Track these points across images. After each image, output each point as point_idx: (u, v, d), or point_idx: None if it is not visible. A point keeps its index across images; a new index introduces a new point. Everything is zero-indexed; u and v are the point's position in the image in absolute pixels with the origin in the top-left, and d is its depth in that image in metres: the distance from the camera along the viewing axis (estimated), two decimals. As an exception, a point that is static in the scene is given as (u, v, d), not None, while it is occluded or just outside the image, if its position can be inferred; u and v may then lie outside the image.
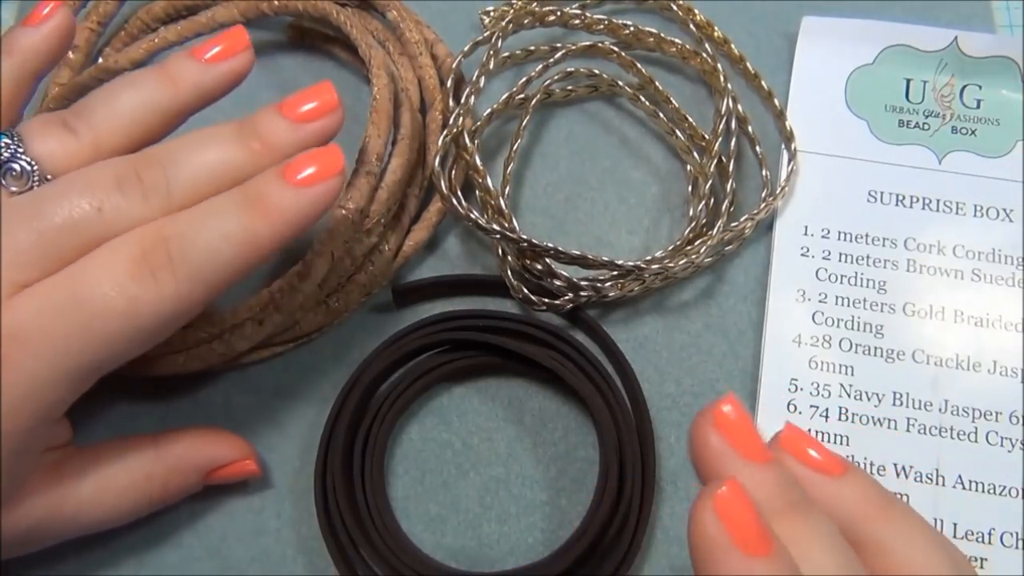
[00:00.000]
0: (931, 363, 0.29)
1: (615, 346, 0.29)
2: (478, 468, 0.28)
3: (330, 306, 0.29)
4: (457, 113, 0.29)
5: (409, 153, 0.29)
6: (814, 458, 0.19)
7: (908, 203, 0.31)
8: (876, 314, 0.29)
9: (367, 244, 0.28)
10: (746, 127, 0.32)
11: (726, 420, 0.18)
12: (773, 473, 0.18)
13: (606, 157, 0.32)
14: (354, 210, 0.27)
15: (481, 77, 0.30)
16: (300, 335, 0.29)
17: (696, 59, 0.33)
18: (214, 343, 0.27)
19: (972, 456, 0.28)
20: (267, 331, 0.27)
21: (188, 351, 0.27)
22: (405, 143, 0.29)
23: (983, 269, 0.30)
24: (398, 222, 0.30)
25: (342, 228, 0.27)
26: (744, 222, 0.30)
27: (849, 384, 0.29)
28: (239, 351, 0.27)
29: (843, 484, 0.19)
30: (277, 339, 0.28)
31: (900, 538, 0.18)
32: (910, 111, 0.32)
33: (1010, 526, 0.27)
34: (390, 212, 0.29)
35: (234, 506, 0.28)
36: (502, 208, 0.29)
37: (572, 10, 0.33)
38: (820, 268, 0.30)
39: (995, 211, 0.31)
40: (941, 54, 0.33)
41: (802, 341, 0.29)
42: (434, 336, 0.28)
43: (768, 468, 0.18)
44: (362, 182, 0.27)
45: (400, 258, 0.30)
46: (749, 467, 0.18)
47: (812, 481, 0.19)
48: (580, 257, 0.28)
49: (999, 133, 0.32)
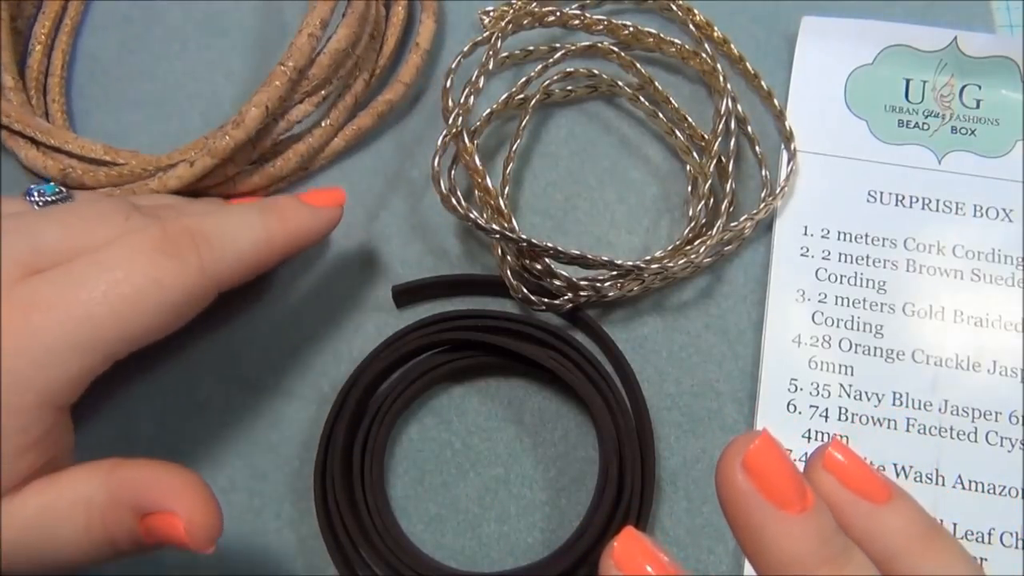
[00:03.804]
0: (931, 363, 0.29)
1: (615, 346, 0.29)
2: (478, 468, 0.28)
3: (267, 170, 0.30)
4: (456, 113, 0.29)
5: (357, 27, 0.30)
6: (859, 484, 0.18)
7: (908, 203, 0.31)
8: (876, 314, 0.29)
9: (305, 110, 0.30)
10: (746, 127, 0.32)
11: (756, 466, 0.17)
12: (814, 525, 0.17)
13: (606, 157, 0.32)
14: (292, 68, 0.28)
15: (481, 77, 0.30)
16: (236, 192, 0.30)
17: (695, 59, 0.33)
18: (149, 180, 0.28)
19: (972, 456, 0.28)
20: (197, 173, 0.28)
21: (123, 186, 0.29)
22: (355, 16, 0.30)
23: (983, 269, 0.30)
24: (341, 99, 0.31)
25: (278, 82, 0.28)
26: (744, 222, 0.30)
27: (849, 384, 0.29)
28: (171, 189, 0.28)
29: (888, 513, 0.18)
30: (212, 190, 0.30)
31: (941, 572, 0.17)
32: (910, 111, 0.32)
33: (1010, 526, 0.27)
34: (331, 84, 0.30)
35: (234, 506, 0.28)
36: (501, 208, 0.29)
37: (571, 10, 0.33)
38: (820, 268, 0.30)
39: (995, 211, 0.31)
40: (941, 54, 0.33)
41: (802, 341, 0.29)
42: (434, 336, 0.28)
43: (808, 520, 0.17)
44: (303, 41, 0.28)
45: (341, 139, 0.31)
46: (787, 521, 0.17)
47: (855, 507, 0.18)
48: (580, 257, 0.28)
49: (999, 133, 0.32)
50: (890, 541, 0.18)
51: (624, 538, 0.17)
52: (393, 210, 0.32)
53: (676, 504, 0.28)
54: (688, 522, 0.27)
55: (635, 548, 0.16)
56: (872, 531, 0.18)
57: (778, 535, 0.17)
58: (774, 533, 0.17)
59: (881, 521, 0.18)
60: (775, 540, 0.17)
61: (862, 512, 0.18)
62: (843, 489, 0.18)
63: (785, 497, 0.17)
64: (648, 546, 0.16)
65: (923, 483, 0.27)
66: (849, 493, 0.18)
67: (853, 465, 0.18)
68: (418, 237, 0.31)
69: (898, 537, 0.18)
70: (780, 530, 0.17)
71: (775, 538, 0.17)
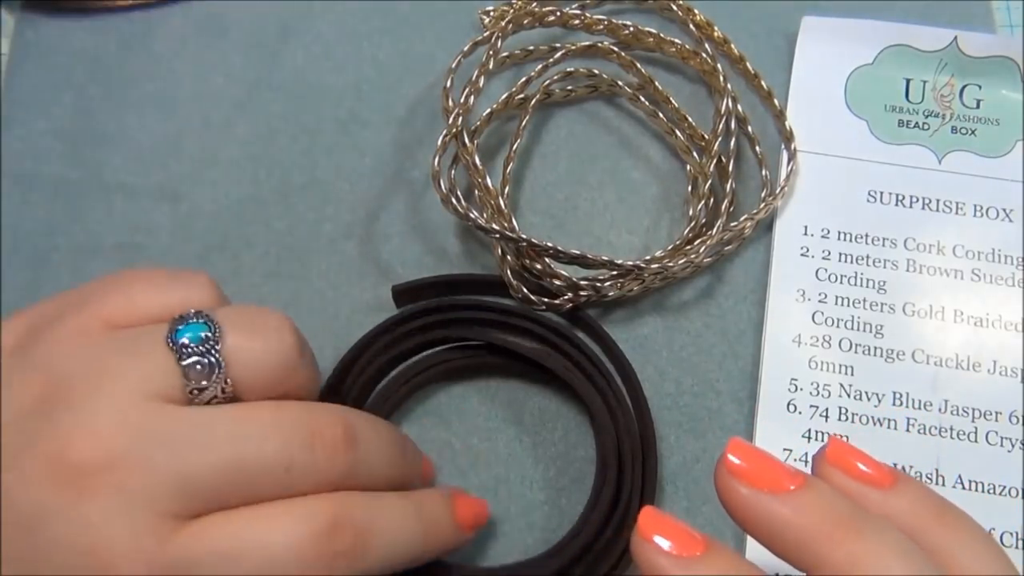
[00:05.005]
0: (931, 363, 0.29)
1: (616, 346, 0.29)
2: (477, 468, 0.28)
3: None
4: (456, 112, 0.29)
5: None
6: (863, 471, 0.19)
7: (908, 203, 0.31)
8: (876, 314, 0.29)
9: None
10: (746, 127, 0.32)
11: (741, 468, 0.18)
12: (813, 494, 0.17)
13: (606, 157, 0.32)
14: None
15: (481, 77, 0.30)
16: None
17: (695, 59, 0.33)
18: None
19: (972, 456, 0.28)
20: None
21: None
22: None
23: (983, 269, 0.30)
24: None
25: None
26: (744, 222, 0.30)
27: (849, 384, 0.29)
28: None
29: (896, 496, 0.18)
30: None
31: (960, 546, 0.18)
32: (910, 111, 0.32)
33: (1010, 526, 0.27)
34: None
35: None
36: (501, 208, 0.29)
37: (572, 10, 0.33)
38: (820, 268, 0.30)
39: (995, 211, 0.31)
40: (941, 54, 0.33)
41: (802, 341, 0.29)
42: (435, 327, 0.28)
43: (805, 491, 0.17)
44: None
45: None
46: (785, 499, 0.17)
47: (863, 496, 0.18)
48: (579, 257, 0.28)
49: (999, 133, 0.32)
50: (905, 521, 0.18)
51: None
52: (393, 210, 0.32)
53: (676, 504, 0.28)
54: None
55: (657, 520, 0.18)
56: (887, 515, 0.18)
57: (784, 515, 0.17)
58: (779, 515, 0.17)
59: (892, 504, 0.18)
60: (784, 521, 0.17)
61: (874, 500, 0.18)
62: (851, 480, 0.18)
63: (774, 479, 0.17)
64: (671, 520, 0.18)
65: (923, 483, 0.27)
66: (857, 484, 0.18)
67: (855, 456, 0.19)
68: (418, 237, 0.31)
69: (910, 517, 0.18)
70: (784, 510, 0.17)
71: (783, 519, 0.17)
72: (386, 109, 0.33)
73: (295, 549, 0.20)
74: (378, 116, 0.33)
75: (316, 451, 0.21)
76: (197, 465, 0.19)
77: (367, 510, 0.21)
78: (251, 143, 0.33)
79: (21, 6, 0.35)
